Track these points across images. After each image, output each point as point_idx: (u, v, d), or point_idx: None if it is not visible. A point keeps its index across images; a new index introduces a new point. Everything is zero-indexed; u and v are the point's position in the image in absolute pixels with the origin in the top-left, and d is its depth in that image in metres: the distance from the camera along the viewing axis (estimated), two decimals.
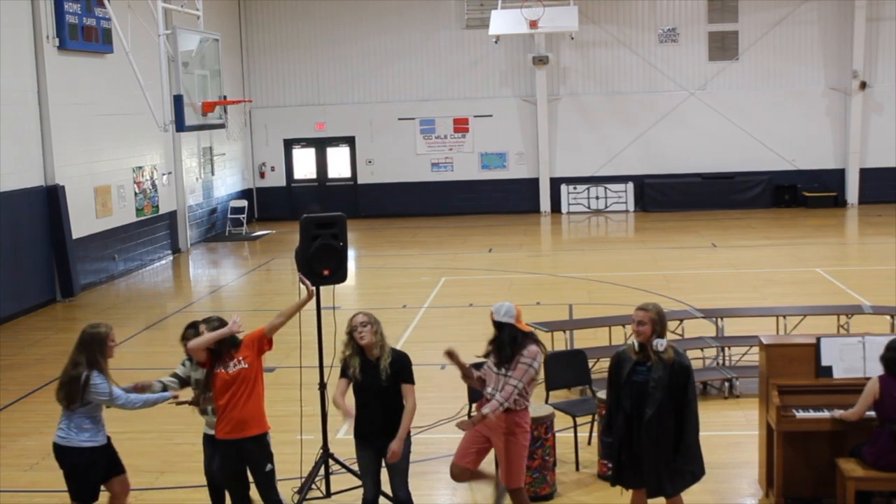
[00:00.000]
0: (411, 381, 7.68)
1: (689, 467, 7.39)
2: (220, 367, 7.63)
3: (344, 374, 7.70)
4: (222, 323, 7.64)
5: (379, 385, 7.54)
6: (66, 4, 19.39)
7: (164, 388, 8.04)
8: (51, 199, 19.19)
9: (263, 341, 7.73)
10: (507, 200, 30.40)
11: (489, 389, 7.70)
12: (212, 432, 7.91)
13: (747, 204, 29.32)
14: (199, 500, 8.97)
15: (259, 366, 7.74)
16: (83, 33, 20.08)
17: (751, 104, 29.49)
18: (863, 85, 28.73)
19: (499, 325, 7.81)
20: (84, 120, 20.38)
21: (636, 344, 7.44)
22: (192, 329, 7.93)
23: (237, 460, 7.73)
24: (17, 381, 13.63)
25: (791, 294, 16.63)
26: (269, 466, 7.76)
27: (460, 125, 30.58)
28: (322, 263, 8.72)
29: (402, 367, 7.64)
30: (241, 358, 7.63)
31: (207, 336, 7.54)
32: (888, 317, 13.28)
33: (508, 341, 7.73)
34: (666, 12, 29.73)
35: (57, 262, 19.29)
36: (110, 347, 7.70)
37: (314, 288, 8.23)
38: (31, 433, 11.42)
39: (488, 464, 8.30)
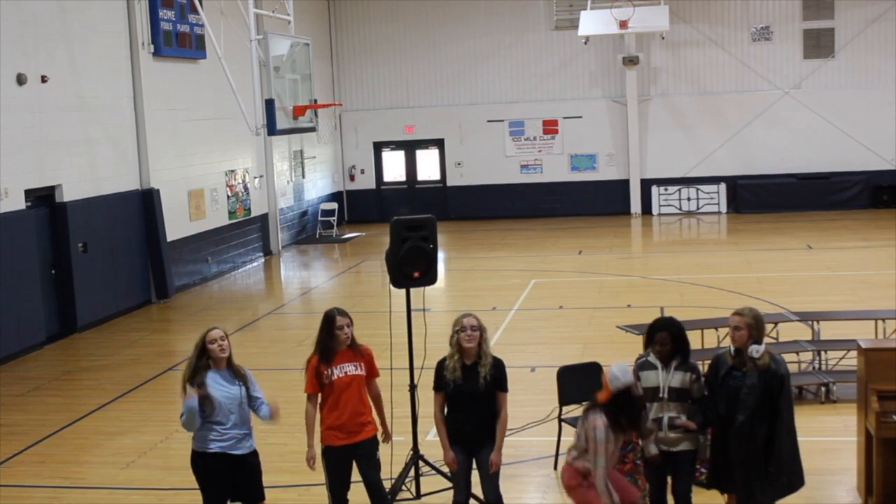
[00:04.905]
0: (506, 389, 7.67)
1: (783, 477, 7.24)
2: None
3: (439, 386, 7.68)
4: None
5: (476, 390, 7.53)
6: (161, 11, 19.75)
7: None
8: (146, 203, 19.56)
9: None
10: (596, 202, 30.18)
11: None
12: None
13: (844, 205, 28.67)
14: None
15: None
16: (177, 39, 20.44)
17: (848, 103, 28.83)
18: None
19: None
20: (178, 125, 20.75)
21: (732, 349, 7.33)
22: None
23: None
24: (115, 381, 13.91)
25: (890, 297, 16.18)
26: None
27: (550, 127, 30.45)
28: (412, 265, 8.73)
29: (500, 374, 7.62)
30: None
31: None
32: None
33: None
34: (759, 10, 29.25)
35: (152, 265, 19.65)
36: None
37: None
38: (128, 432, 11.65)
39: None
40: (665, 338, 7.38)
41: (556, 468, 9.55)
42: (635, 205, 30.02)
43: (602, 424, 6.92)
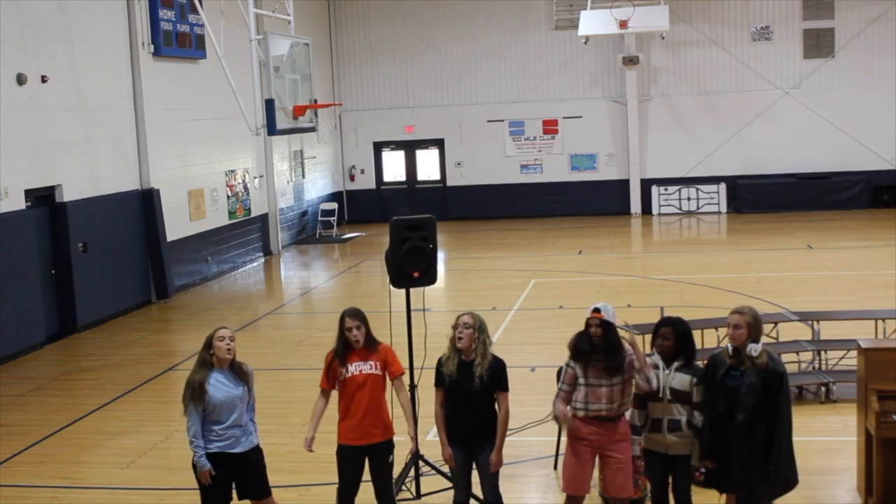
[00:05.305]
0: (506, 388, 7.63)
1: (782, 475, 7.24)
2: None
3: (438, 382, 7.67)
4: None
5: (473, 389, 7.49)
6: (161, 11, 19.75)
7: None
8: (146, 203, 19.56)
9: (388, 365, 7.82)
10: (596, 202, 30.18)
11: (604, 403, 7.27)
12: None
13: (844, 205, 28.68)
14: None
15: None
16: (177, 39, 20.43)
17: (847, 103, 28.83)
18: None
19: (607, 326, 7.39)
20: (178, 125, 20.74)
21: (730, 348, 7.33)
22: None
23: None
24: (115, 381, 13.91)
25: (890, 297, 16.17)
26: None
27: (550, 127, 30.45)
28: (412, 265, 8.74)
29: (498, 374, 7.57)
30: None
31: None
32: None
33: (618, 344, 7.36)
34: (759, 10, 29.26)
35: (152, 265, 19.64)
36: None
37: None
38: (128, 432, 11.65)
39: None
40: (668, 332, 7.43)
41: (555, 468, 9.55)
42: (635, 205, 30.02)
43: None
